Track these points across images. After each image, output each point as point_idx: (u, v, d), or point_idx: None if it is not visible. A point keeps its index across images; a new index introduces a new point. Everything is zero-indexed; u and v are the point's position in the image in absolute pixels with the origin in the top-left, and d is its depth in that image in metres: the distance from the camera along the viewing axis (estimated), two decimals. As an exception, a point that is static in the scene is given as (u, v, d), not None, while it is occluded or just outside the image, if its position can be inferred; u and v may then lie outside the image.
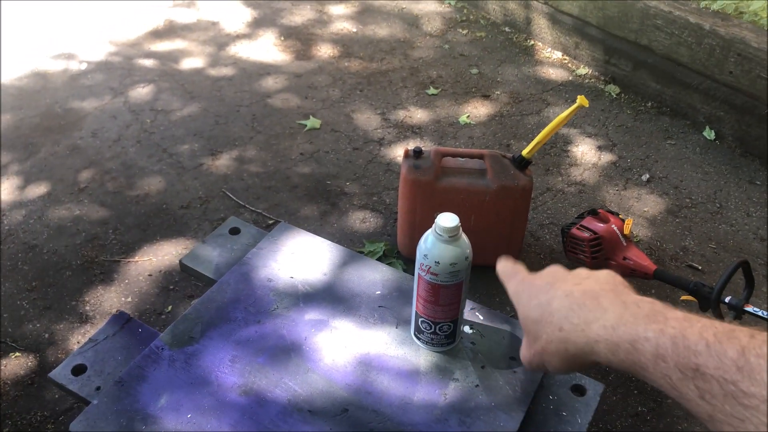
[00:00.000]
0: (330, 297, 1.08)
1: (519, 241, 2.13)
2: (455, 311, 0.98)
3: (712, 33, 2.68)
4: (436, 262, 0.92)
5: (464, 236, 0.94)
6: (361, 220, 2.34)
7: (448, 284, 0.94)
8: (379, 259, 2.16)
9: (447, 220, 0.91)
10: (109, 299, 2.01)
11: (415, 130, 2.81)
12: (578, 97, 1.88)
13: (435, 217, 0.93)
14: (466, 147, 2.72)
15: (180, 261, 1.21)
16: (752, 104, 2.64)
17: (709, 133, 2.80)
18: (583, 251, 2.04)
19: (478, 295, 2.06)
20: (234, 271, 1.12)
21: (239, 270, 1.12)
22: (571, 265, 0.76)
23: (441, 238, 0.91)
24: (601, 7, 3.06)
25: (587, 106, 1.91)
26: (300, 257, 1.15)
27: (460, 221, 0.92)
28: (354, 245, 2.22)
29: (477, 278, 2.10)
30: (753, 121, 2.66)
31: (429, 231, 0.94)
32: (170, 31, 3.50)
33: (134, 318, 1.12)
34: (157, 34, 3.46)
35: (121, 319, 1.11)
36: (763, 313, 1.74)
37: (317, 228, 2.29)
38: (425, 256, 0.92)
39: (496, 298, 2.06)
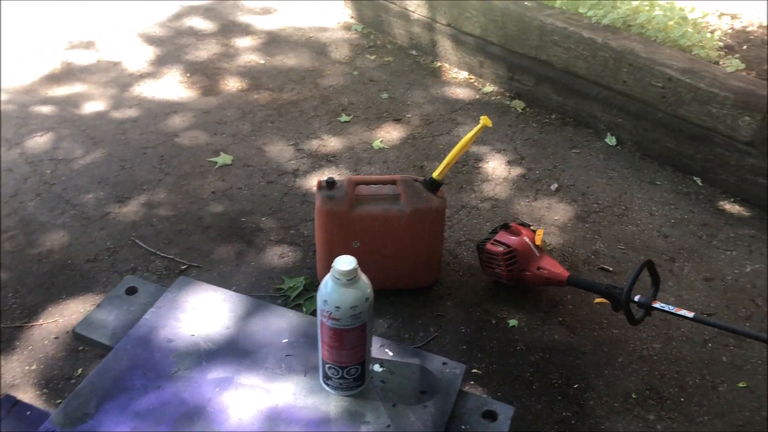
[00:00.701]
0: (234, 351, 1.05)
1: (437, 261, 2.15)
2: (361, 353, 0.97)
3: (604, 46, 2.81)
4: (336, 307, 0.91)
5: (363, 277, 0.94)
6: (279, 255, 2.30)
7: (351, 327, 0.93)
8: (299, 294, 2.13)
9: (344, 263, 0.90)
10: (11, 370, 1.89)
11: (330, 159, 2.81)
12: (481, 117, 1.93)
13: (352, 246, 0.91)
14: (381, 171, 2.74)
15: (73, 330, 1.15)
16: (646, 110, 2.78)
17: (610, 140, 2.93)
18: (498, 265, 2.08)
19: (400, 319, 2.06)
20: (131, 335, 1.07)
21: (136, 333, 1.07)
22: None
23: (339, 282, 0.90)
24: (501, 26, 3.16)
25: (490, 125, 1.96)
26: (202, 312, 1.11)
27: (378, 247, 0.91)
28: (273, 282, 2.19)
29: (399, 301, 2.11)
30: (648, 125, 2.80)
31: (327, 276, 0.93)
32: (68, 74, 3.37)
33: (22, 401, 1.05)
34: (54, 78, 3.32)
35: (7, 404, 1.04)
36: (670, 308, 1.81)
37: (233, 269, 2.23)
38: (325, 302, 0.91)
39: (418, 320, 2.07)
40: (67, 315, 2.06)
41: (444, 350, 1.97)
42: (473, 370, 1.91)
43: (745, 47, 2.91)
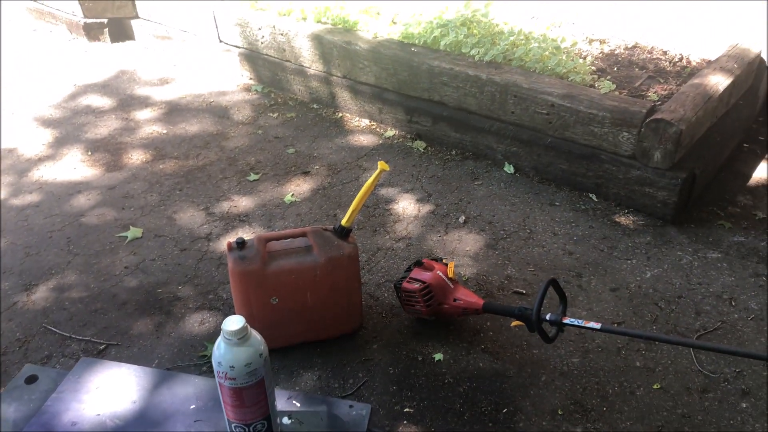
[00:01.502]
0: (143, 424, 1.05)
1: (358, 306, 2.18)
2: (264, 408, 0.99)
3: (489, 81, 3.00)
4: (231, 366, 0.93)
5: (255, 333, 0.97)
6: (200, 322, 2.28)
7: (249, 384, 0.95)
8: (223, 359, 2.11)
9: (232, 323, 0.93)
10: None
11: (243, 218, 2.82)
12: (379, 162, 2.01)
13: (272, 301, 0.93)
14: (295, 225, 2.78)
15: (-28, 428, 1.11)
16: (537, 136, 2.96)
17: (509, 168, 3.09)
18: (417, 301, 2.14)
19: (329, 369, 2.08)
20: (32, 424, 1.05)
21: (38, 421, 1.05)
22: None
23: (231, 342, 0.93)
24: (392, 73, 3.31)
25: (388, 169, 2.04)
26: (106, 391, 1.11)
27: (298, 301, 0.94)
28: (196, 350, 2.16)
29: (326, 352, 2.13)
30: (541, 150, 2.98)
31: (219, 338, 0.95)
32: (-39, 166, 3.25)
33: None
34: (-54, 173, 3.20)
35: None
36: (579, 322, 1.91)
37: (154, 342, 2.19)
38: (219, 363, 0.93)
39: (347, 368, 2.09)
40: (-25, 416, 1.95)
41: (375, 393, 2.00)
42: (405, 410, 1.94)
43: (615, 69, 3.17)
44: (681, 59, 3.32)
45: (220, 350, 0.94)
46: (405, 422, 1.91)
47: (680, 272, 2.47)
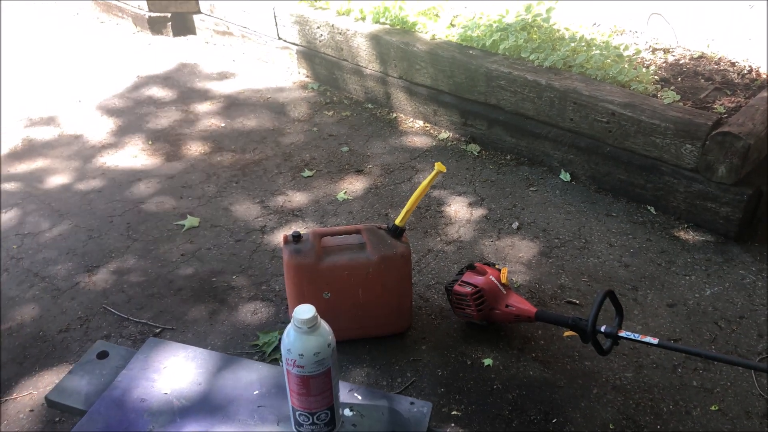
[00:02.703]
0: (207, 406, 1.07)
1: (408, 306, 2.19)
2: (329, 398, 1.00)
3: (549, 87, 2.96)
4: (300, 354, 0.94)
5: (324, 324, 0.98)
6: (253, 312, 2.32)
7: (316, 374, 0.96)
8: (275, 349, 2.15)
9: (304, 312, 0.94)
10: (-14, 448, 1.85)
11: (296, 213, 2.86)
12: (435, 163, 2.01)
13: (323, 296, 0.94)
14: (347, 222, 2.80)
15: (46, 397, 1.16)
16: (595, 144, 2.91)
17: (565, 176, 3.05)
18: (468, 305, 2.13)
19: (377, 366, 2.08)
20: (104, 398, 1.08)
21: (109, 395, 1.09)
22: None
23: (301, 330, 0.94)
24: (450, 75, 3.31)
25: (445, 171, 2.04)
26: (173, 371, 1.14)
27: (349, 297, 0.95)
28: (248, 339, 2.20)
29: (375, 349, 2.14)
30: (599, 159, 2.92)
31: (289, 325, 0.97)
32: (30, 150, 3.39)
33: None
34: (16, 156, 3.34)
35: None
36: (635, 336, 1.87)
37: (207, 328, 2.24)
38: (289, 350, 0.95)
39: (395, 367, 2.09)
40: (41, 387, 2.03)
41: (423, 395, 1.99)
42: (453, 412, 1.93)
43: (679, 79, 3.09)
44: (750, 71, 3.22)
45: (289, 337, 0.95)
46: (453, 425, 1.90)
47: (742, 291, 2.39)
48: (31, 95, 3.97)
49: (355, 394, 1.13)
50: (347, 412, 1.09)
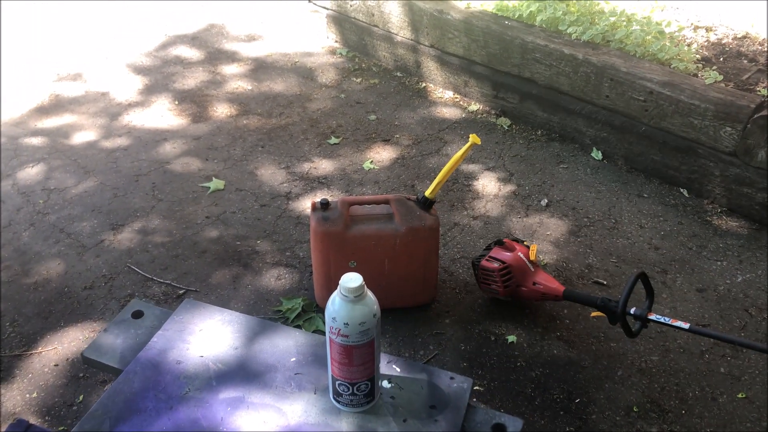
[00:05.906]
0: (244, 372, 1.06)
1: (434, 278, 2.16)
2: (371, 369, 0.99)
3: (585, 62, 2.88)
4: (345, 323, 0.92)
5: (370, 294, 0.95)
6: (276, 277, 2.31)
7: (360, 344, 0.94)
8: (298, 315, 2.14)
9: (351, 280, 0.92)
10: (12, 398, 1.87)
11: (322, 181, 2.83)
12: (470, 135, 1.97)
13: (350, 266, 0.93)
14: (373, 192, 2.76)
15: (82, 354, 1.15)
16: (630, 123, 2.84)
17: (596, 154, 2.99)
18: (495, 281, 2.10)
19: (400, 338, 2.07)
20: (140, 358, 1.07)
21: (145, 356, 1.08)
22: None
23: (347, 299, 0.92)
24: (483, 46, 3.23)
25: (479, 143, 2.00)
26: (209, 334, 1.12)
27: (375, 267, 0.93)
28: (271, 304, 2.19)
29: (398, 320, 2.13)
30: (633, 139, 2.85)
31: (335, 293, 0.94)
32: (57, 105, 3.37)
33: (35, 425, 1.05)
34: (43, 110, 3.33)
35: (19, 428, 1.03)
36: (665, 319, 1.84)
37: (231, 292, 2.24)
38: (334, 319, 0.93)
39: (418, 339, 2.08)
40: (66, 342, 2.05)
41: (445, 368, 1.97)
42: (475, 387, 1.92)
43: (721, 59, 3.00)
44: (794, 54, 3.11)
45: (334, 305, 0.93)
46: (474, 400, 1.89)
47: (775, 280, 2.35)
48: (59, 50, 3.94)
49: (394, 366, 1.12)
50: (385, 383, 1.07)
